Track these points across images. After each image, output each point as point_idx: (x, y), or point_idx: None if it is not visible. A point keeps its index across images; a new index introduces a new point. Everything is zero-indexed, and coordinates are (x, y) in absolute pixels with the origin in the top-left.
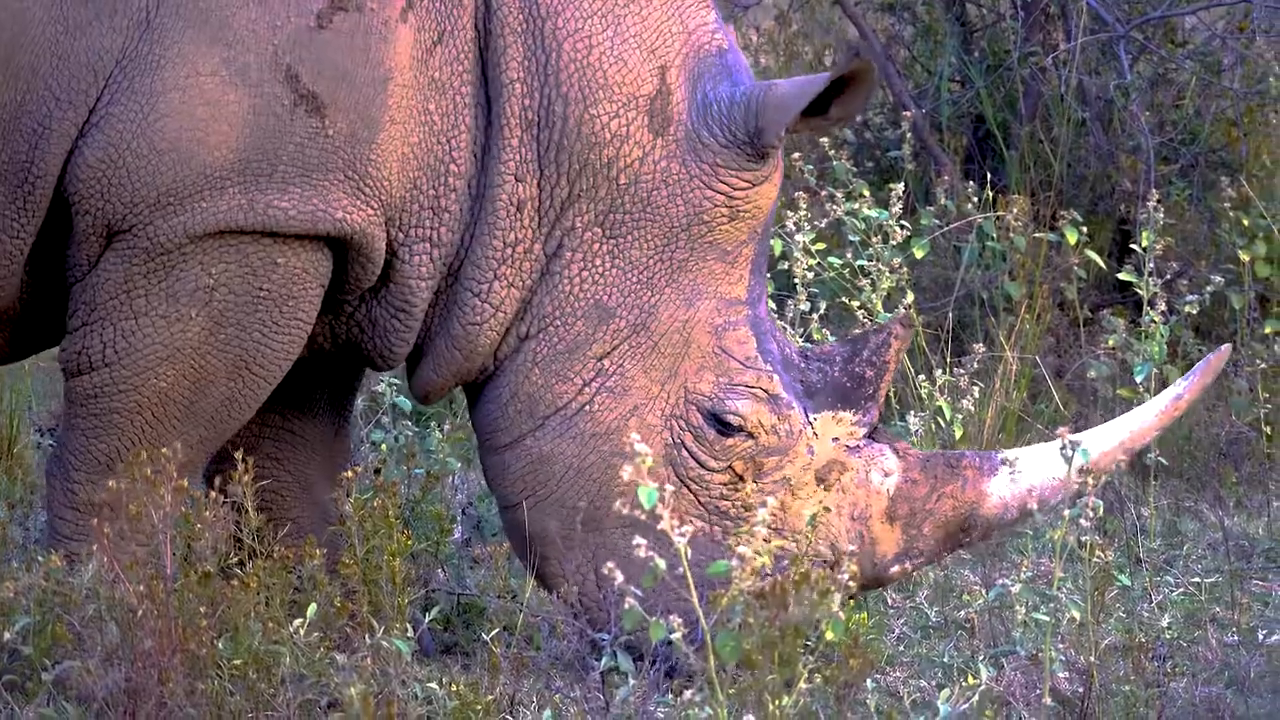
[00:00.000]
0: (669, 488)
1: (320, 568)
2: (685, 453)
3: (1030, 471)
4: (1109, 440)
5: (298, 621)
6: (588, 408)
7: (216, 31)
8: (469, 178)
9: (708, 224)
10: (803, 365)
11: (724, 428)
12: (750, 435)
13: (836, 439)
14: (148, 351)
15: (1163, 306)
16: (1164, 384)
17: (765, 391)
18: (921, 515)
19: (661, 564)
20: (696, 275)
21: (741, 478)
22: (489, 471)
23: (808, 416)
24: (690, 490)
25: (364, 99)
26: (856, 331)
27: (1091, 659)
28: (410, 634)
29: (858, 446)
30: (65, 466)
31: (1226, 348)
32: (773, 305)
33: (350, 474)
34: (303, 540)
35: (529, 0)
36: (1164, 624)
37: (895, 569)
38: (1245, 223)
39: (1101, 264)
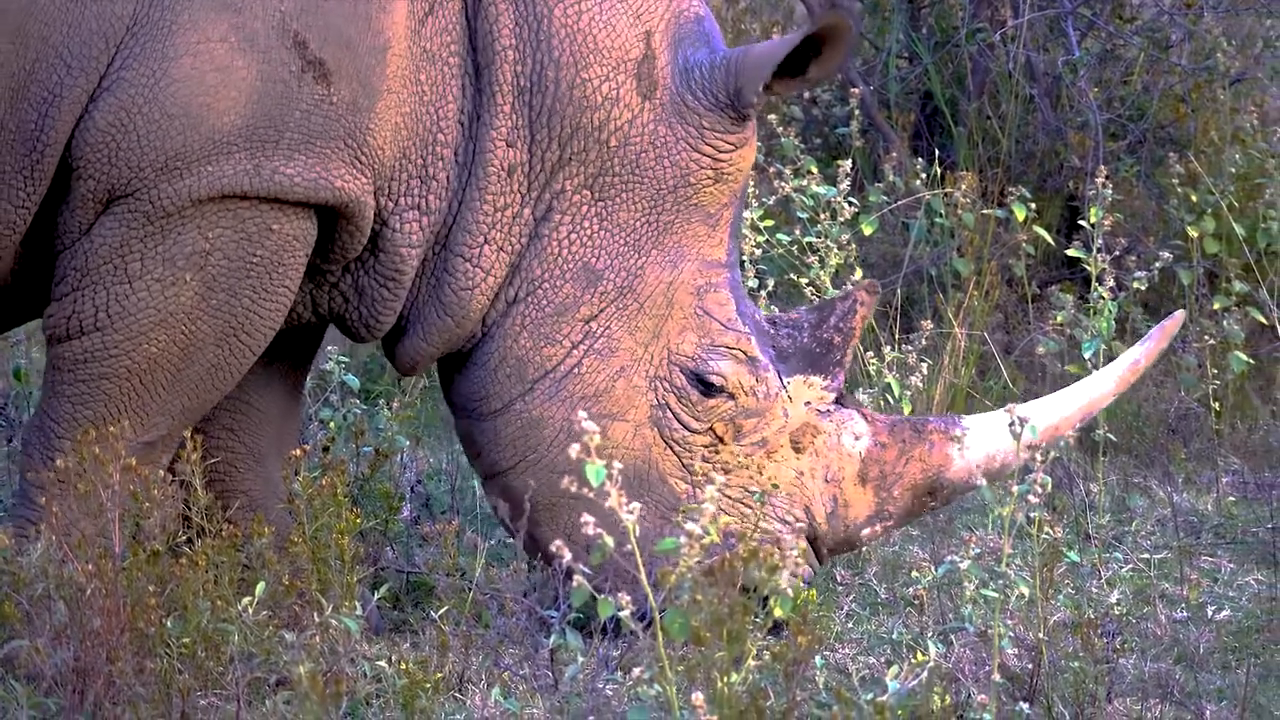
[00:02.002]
0: (617, 465)
1: (269, 546)
2: (669, 414)
3: (993, 436)
4: (1067, 406)
5: (246, 600)
6: (576, 370)
7: None
8: (456, 146)
9: (694, 186)
10: (772, 331)
11: (706, 388)
12: (731, 396)
13: (808, 403)
14: (141, 316)
15: (1111, 283)
16: (1112, 359)
17: (744, 353)
18: (891, 478)
19: (609, 540)
20: (681, 237)
21: (722, 439)
22: (476, 439)
23: (782, 380)
24: (674, 452)
25: (365, 67)
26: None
27: (1040, 635)
28: (359, 612)
29: (828, 410)
30: (47, 434)
31: (1180, 313)
32: None
33: (299, 452)
34: (254, 514)
35: None
36: (1113, 600)
37: (867, 531)
38: (1194, 199)
39: (1050, 240)
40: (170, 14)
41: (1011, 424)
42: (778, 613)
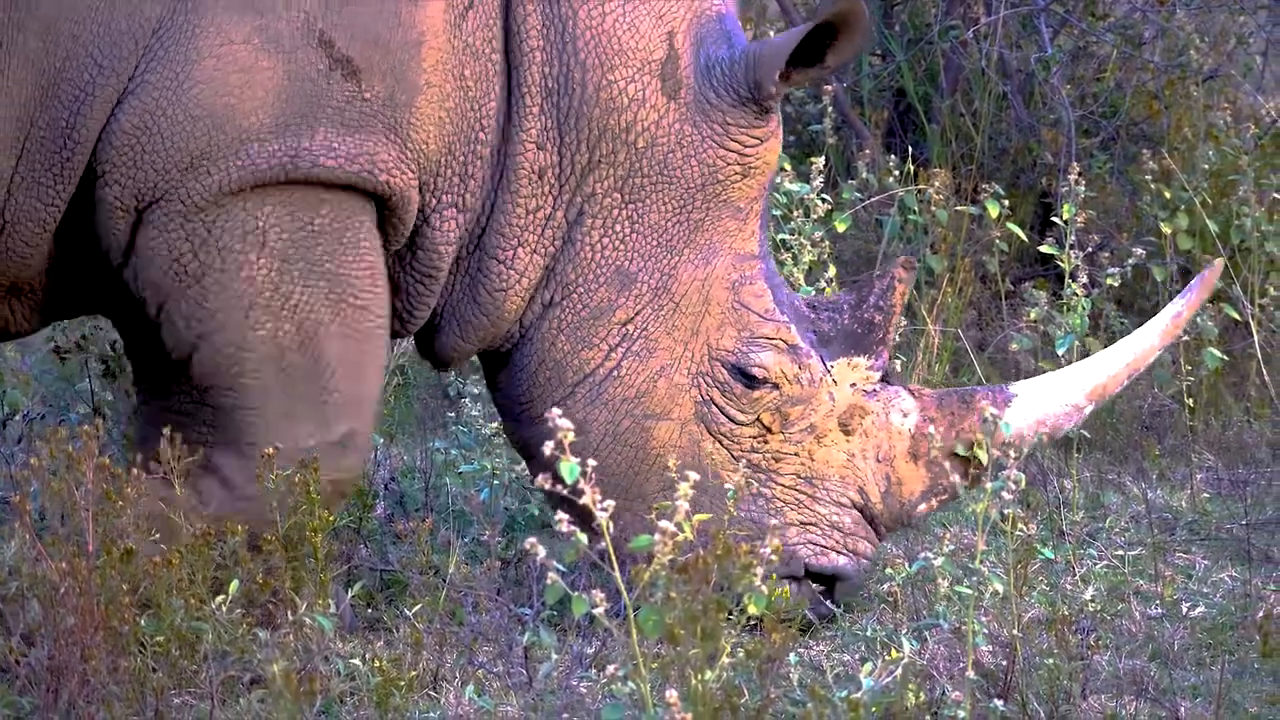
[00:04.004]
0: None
1: (242, 544)
2: (714, 408)
3: (1042, 400)
4: (1115, 363)
5: (220, 598)
6: (615, 372)
7: (249, 0)
8: (493, 145)
9: (722, 183)
10: (812, 315)
11: (749, 380)
12: (775, 386)
13: (854, 384)
14: (230, 309)
15: (1084, 279)
16: (1086, 356)
17: (785, 342)
18: (943, 451)
19: (583, 538)
20: (712, 234)
21: (769, 429)
22: (526, 444)
23: (825, 364)
24: (723, 445)
25: (399, 63)
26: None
27: (1015, 632)
28: (333, 610)
29: (874, 390)
30: (244, 456)
31: (1220, 261)
32: None
33: (270, 450)
34: None
35: None
36: (1087, 597)
37: (923, 506)
38: (1167, 195)
39: (1023, 237)
40: (194, 17)
41: (984, 422)
42: (751, 609)
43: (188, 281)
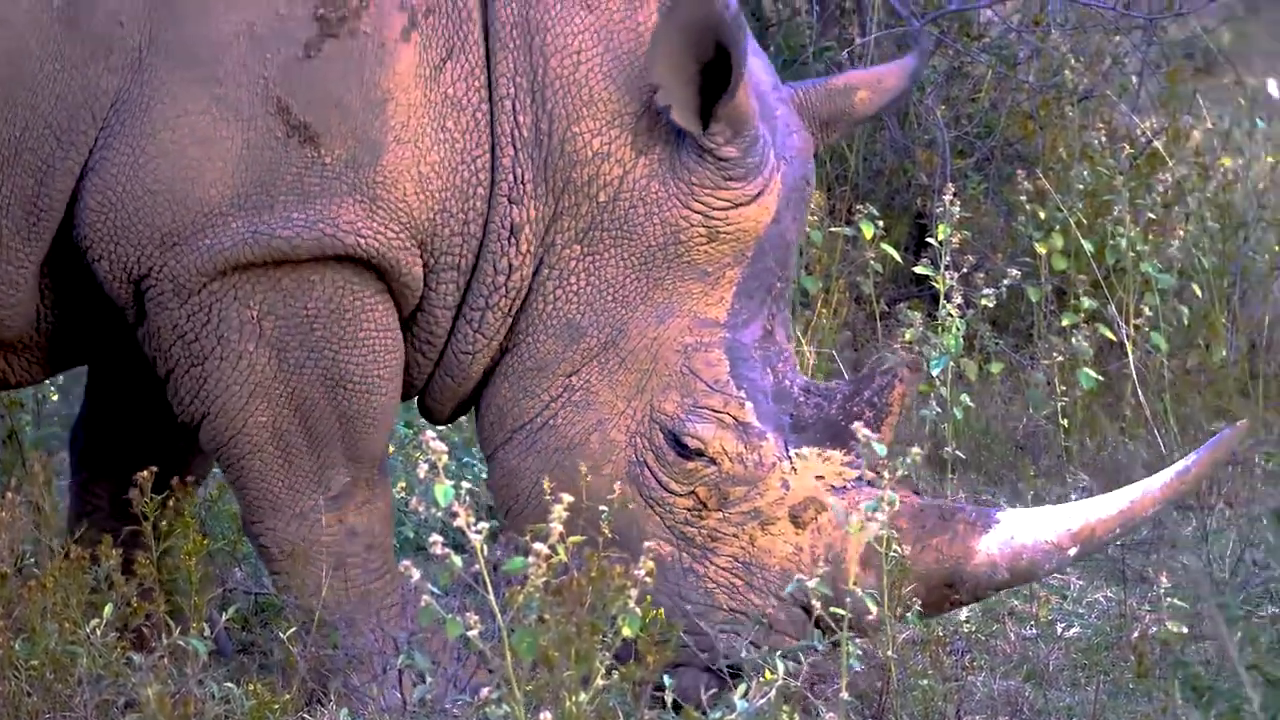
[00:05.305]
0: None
1: (116, 568)
2: (648, 471)
3: (1023, 533)
4: (1108, 508)
5: (95, 622)
6: (551, 422)
7: (207, 69)
8: (488, 199)
9: (684, 244)
10: (801, 399)
11: (683, 450)
12: (712, 461)
13: (821, 477)
14: (229, 395)
15: (959, 300)
16: (960, 377)
17: (733, 418)
18: (911, 565)
19: (458, 560)
20: (671, 294)
21: (705, 504)
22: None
23: (787, 450)
24: (655, 511)
25: (361, 124)
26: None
27: (889, 653)
28: (207, 633)
29: (844, 487)
30: (246, 523)
31: (1244, 423)
32: None
33: (145, 473)
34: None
35: (522, 16)
36: (962, 618)
37: (870, 616)
38: (1041, 215)
39: (898, 258)
40: (149, 88)
41: (856, 448)
42: (626, 631)
43: (192, 360)
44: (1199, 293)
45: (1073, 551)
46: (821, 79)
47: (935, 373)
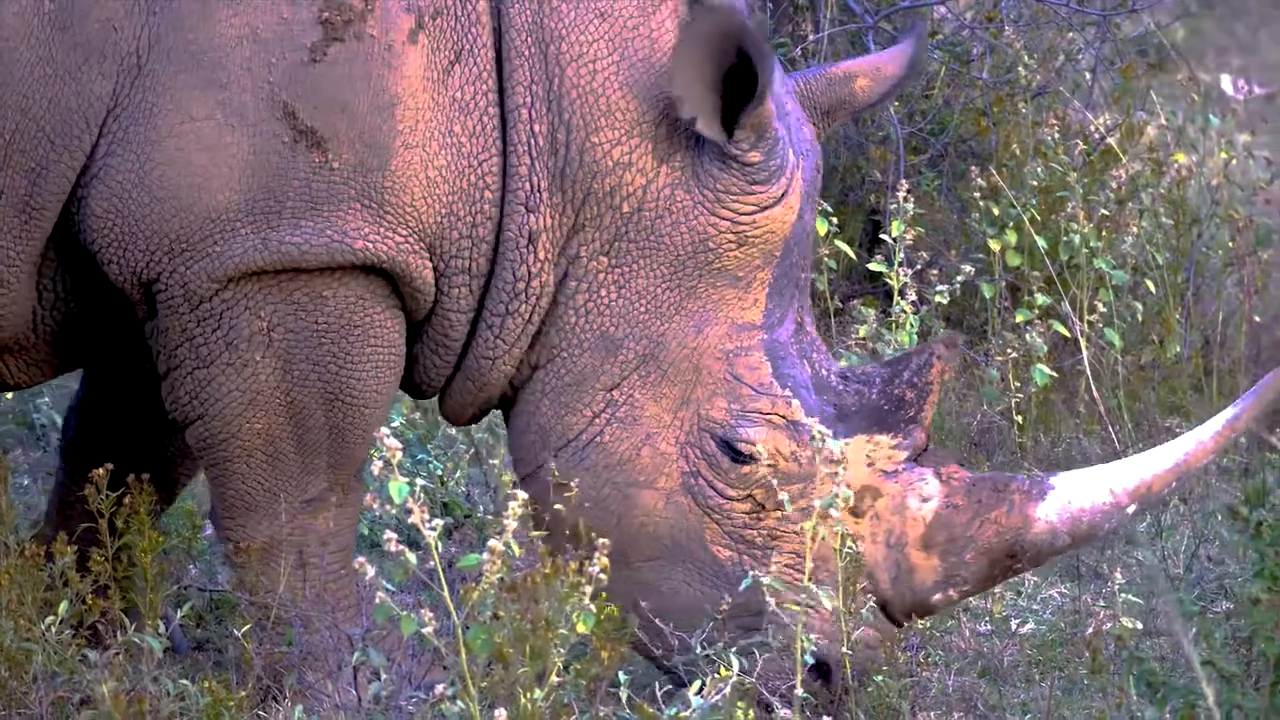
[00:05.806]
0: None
1: (71, 565)
2: (702, 481)
3: (1079, 496)
4: (1162, 462)
5: (50, 619)
6: (598, 439)
7: (211, 74)
8: (500, 204)
9: (714, 251)
10: (840, 388)
11: (737, 455)
12: (767, 463)
13: (871, 463)
14: (229, 400)
15: (913, 296)
16: None
17: (782, 417)
18: (962, 541)
19: (412, 558)
20: (706, 302)
21: (763, 506)
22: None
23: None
24: (714, 520)
25: (368, 128)
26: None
27: (844, 649)
28: (162, 631)
29: (895, 471)
30: (218, 517)
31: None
32: None
33: (101, 470)
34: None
35: (537, 24)
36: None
37: (938, 596)
38: (995, 212)
39: (851, 255)
40: (152, 94)
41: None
42: (580, 628)
43: (197, 363)
44: (1153, 289)
45: (1131, 509)
46: (821, 67)
47: None
